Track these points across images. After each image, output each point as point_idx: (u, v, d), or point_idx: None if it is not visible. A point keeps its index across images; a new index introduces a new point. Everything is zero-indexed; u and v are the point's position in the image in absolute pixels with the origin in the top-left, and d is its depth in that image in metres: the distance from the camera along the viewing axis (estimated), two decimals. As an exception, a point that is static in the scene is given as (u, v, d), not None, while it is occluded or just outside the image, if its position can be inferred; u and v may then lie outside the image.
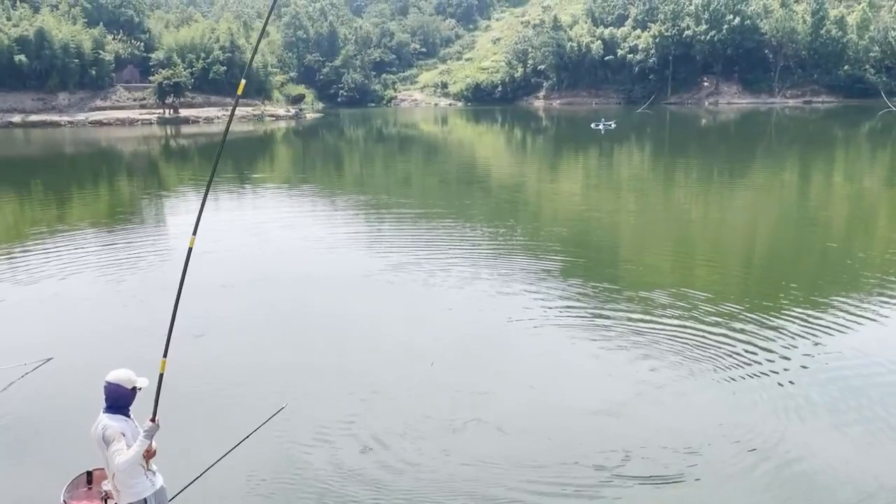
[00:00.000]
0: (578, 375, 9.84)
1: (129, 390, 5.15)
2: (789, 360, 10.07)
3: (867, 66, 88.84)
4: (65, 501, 5.86)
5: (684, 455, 7.69)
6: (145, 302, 13.16)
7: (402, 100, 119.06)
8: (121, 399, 5.13)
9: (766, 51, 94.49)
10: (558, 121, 78.91)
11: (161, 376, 5.15)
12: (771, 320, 11.65)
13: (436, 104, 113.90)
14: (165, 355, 5.16)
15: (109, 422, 5.04)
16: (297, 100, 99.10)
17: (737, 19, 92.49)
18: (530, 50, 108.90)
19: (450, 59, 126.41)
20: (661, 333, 11.10)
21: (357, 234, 20.12)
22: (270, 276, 15.13)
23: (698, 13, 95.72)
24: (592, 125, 58.48)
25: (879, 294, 13.02)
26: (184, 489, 6.16)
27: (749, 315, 11.91)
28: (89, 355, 10.56)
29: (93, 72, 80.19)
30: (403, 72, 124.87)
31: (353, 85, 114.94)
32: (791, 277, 14.86)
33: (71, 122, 75.14)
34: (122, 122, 75.63)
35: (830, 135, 54.33)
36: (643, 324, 11.58)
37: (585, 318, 12.09)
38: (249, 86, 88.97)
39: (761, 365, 9.90)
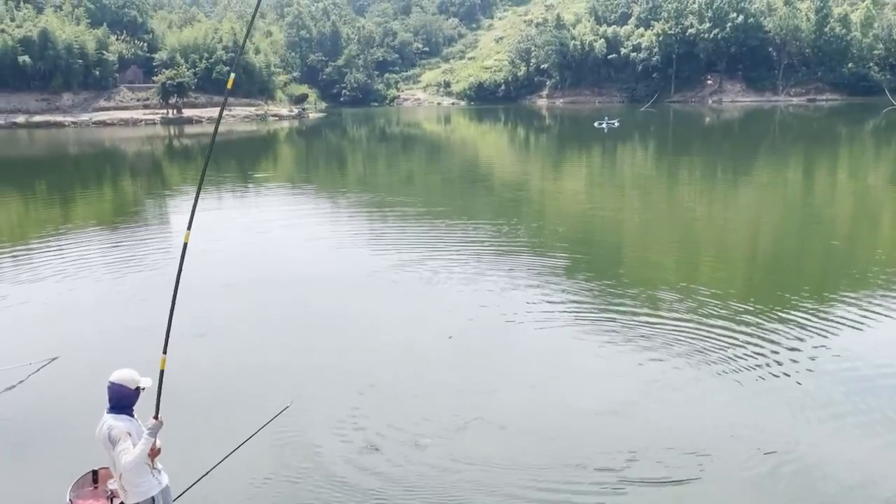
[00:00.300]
0: (583, 374, 9.76)
1: (133, 390, 5.14)
2: (798, 358, 9.97)
3: (871, 64, 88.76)
4: (71, 500, 5.86)
5: (693, 456, 7.51)
6: (150, 301, 13.16)
7: (404, 99, 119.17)
8: (124, 399, 5.13)
9: (769, 49, 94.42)
10: (561, 120, 78.86)
11: (161, 373, 5.13)
12: (777, 318, 11.58)
13: (439, 103, 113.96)
14: (165, 352, 5.14)
15: (114, 422, 5.04)
16: (300, 99, 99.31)
17: (740, 17, 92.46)
18: (533, 49, 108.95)
19: (452, 58, 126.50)
20: (667, 332, 11.03)
21: (360, 233, 20.12)
22: (273, 275, 15.12)
23: (702, 11, 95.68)
24: (596, 124, 58.45)
25: (886, 291, 12.95)
26: (189, 487, 6.16)
27: (755, 313, 11.84)
28: (95, 355, 10.57)
29: (96, 72, 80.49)
30: (406, 71, 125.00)
31: (356, 84, 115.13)
32: (796, 275, 14.83)
33: (75, 123, 75.37)
34: (125, 123, 75.84)
35: (834, 133, 54.19)
36: (648, 322, 11.52)
37: (590, 317, 12.03)
38: (252, 86, 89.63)
39: (770, 363, 9.80)
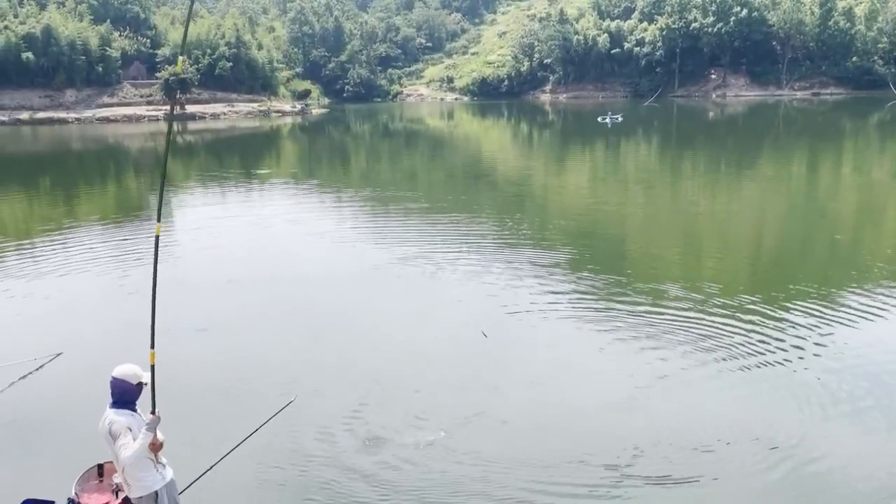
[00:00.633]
0: (587, 370, 9.71)
1: (135, 386, 5.16)
2: (804, 353, 9.89)
3: (876, 58, 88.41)
4: (76, 494, 5.87)
5: (699, 453, 7.43)
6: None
7: (407, 95, 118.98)
8: (126, 394, 5.15)
9: (773, 43, 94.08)
10: (565, 115, 78.70)
11: (153, 368, 5.12)
12: (782, 312, 11.54)
13: (442, 99, 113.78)
14: (153, 346, 5.12)
15: (116, 417, 5.07)
16: (302, 95, 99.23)
17: (744, 11, 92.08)
18: (536, 43, 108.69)
19: (455, 53, 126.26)
20: (672, 326, 10.99)
21: (364, 228, 20.11)
22: (277, 270, 15.12)
23: (705, 5, 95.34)
24: (599, 119, 58.33)
25: (890, 284, 12.92)
26: (194, 481, 6.18)
27: (760, 307, 11.79)
28: (99, 351, 10.57)
29: (99, 69, 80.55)
30: (409, 66, 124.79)
31: (359, 80, 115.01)
32: (801, 269, 14.79)
33: (78, 119, 75.49)
34: (128, 119, 75.90)
35: (839, 127, 54.00)
36: (653, 317, 11.48)
37: (594, 312, 11.99)
38: (255, 82, 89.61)
39: (776, 358, 9.73)
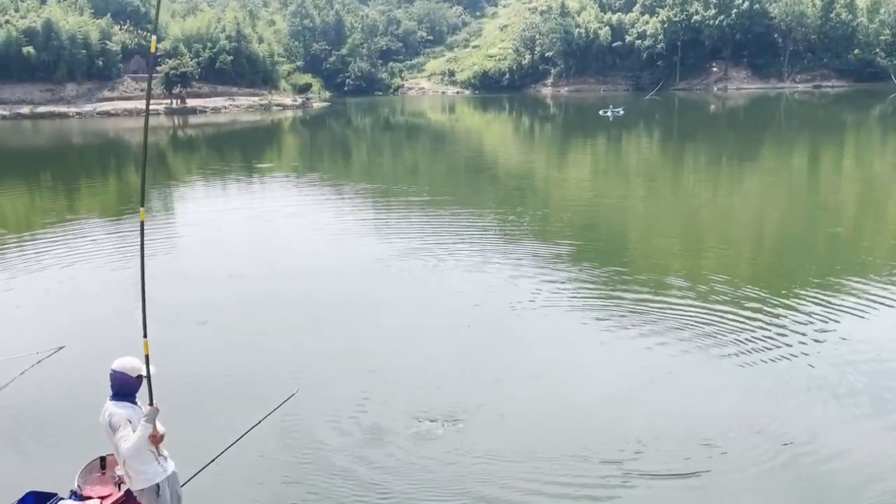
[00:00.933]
0: (589, 363, 9.70)
1: (134, 378, 5.17)
2: (807, 345, 9.86)
3: (877, 50, 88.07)
4: (79, 486, 5.90)
5: (702, 447, 7.39)
6: (155, 289, 13.16)
7: (409, 88, 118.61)
8: (126, 387, 5.16)
9: (775, 35, 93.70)
10: (566, 108, 78.53)
11: (147, 357, 5.10)
12: (785, 304, 11.53)
13: (443, 92, 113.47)
14: (145, 336, 5.10)
15: (115, 409, 5.08)
16: (303, 89, 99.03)
17: (746, 4, 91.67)
18: (538, 37, 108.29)
19: (457, 46, 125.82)
20: (674, 319, 10.98)
21: (365, 221, 20.12)
22: (278, 263, 15.14)
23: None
24: (601, 112, 58.19)
25: (892, 277, 12.91)
26: (197, 474, 6.19)
27: (763, 299, 11.78)
28: (101, 344, 10.56)
29: (100, 62, 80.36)
30: (410, 60, 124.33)
31: (360, 73, 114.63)
32: (803, 261, 14.77)
33: (79, 113, 75.36)
34: (129, 113, 75.72)
35: (840, 119, 53.84)
36: (655, 310, 11.46)
37: (596, 305, 11.97)
38: (255, 75, 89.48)
39: (779, 351, 9.70)
